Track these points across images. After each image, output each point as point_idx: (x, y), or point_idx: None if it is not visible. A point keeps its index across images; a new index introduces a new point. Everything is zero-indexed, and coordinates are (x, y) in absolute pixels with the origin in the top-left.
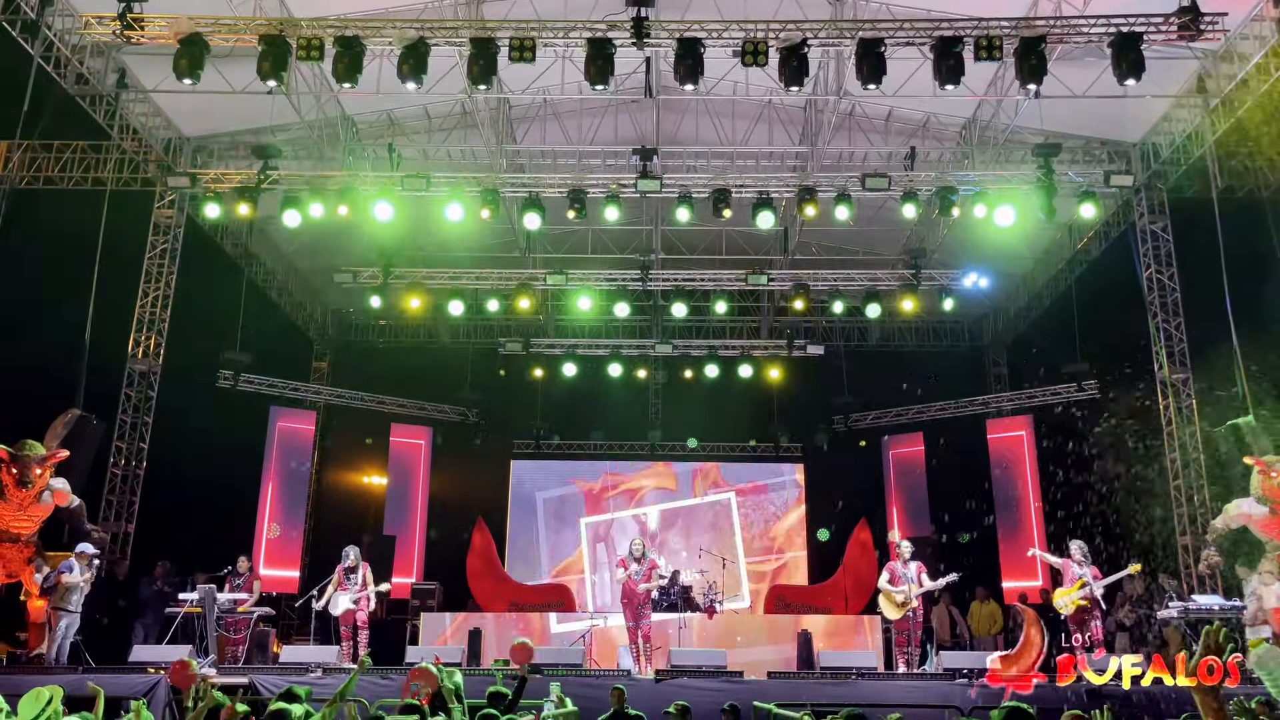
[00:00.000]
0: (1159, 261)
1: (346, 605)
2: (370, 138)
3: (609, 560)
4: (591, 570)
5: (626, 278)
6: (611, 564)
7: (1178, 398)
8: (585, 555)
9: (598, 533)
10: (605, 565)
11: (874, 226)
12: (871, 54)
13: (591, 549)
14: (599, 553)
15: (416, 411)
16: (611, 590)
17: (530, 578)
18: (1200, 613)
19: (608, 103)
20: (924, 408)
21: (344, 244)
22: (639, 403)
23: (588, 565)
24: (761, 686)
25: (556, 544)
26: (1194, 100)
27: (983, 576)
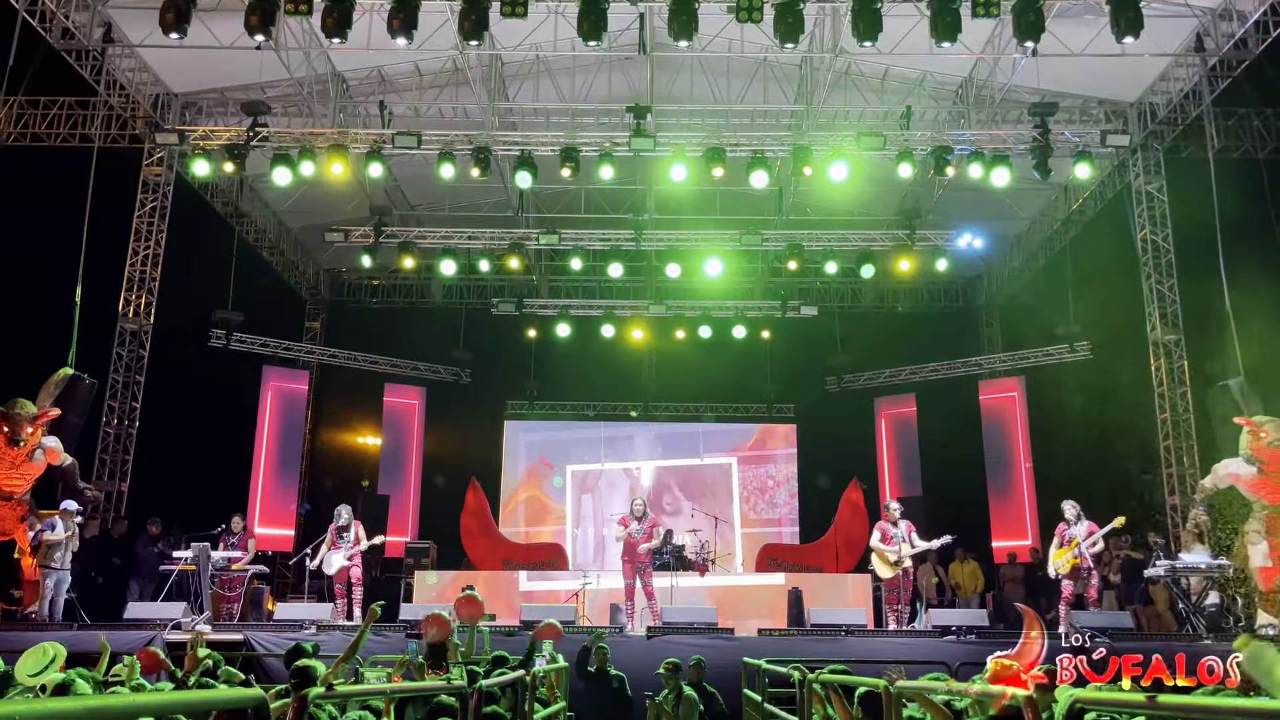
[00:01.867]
0: (1154, 223)
1: (340, 563)
2: (361, 95)
3: (594, 514)
4: (575, 524)
5: (620, 237)
6: (598, 519)
7: (1169, 359)
8: (569, 507)
9: (585, 483)
10: (589, 519)
11: (869, 186)
12: (868, 10)
13: (576, 500)
14: (584, 505)
15: (410, 371)
16: (595, 546)
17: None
18: (1187, 571)
19: (601, 59)
20: (916, 368)
21: (336, 202)
22: (632, 363)
23: (570, 518)
24: (752, 643)
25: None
26: (1192, 59)
27: (973, 536)
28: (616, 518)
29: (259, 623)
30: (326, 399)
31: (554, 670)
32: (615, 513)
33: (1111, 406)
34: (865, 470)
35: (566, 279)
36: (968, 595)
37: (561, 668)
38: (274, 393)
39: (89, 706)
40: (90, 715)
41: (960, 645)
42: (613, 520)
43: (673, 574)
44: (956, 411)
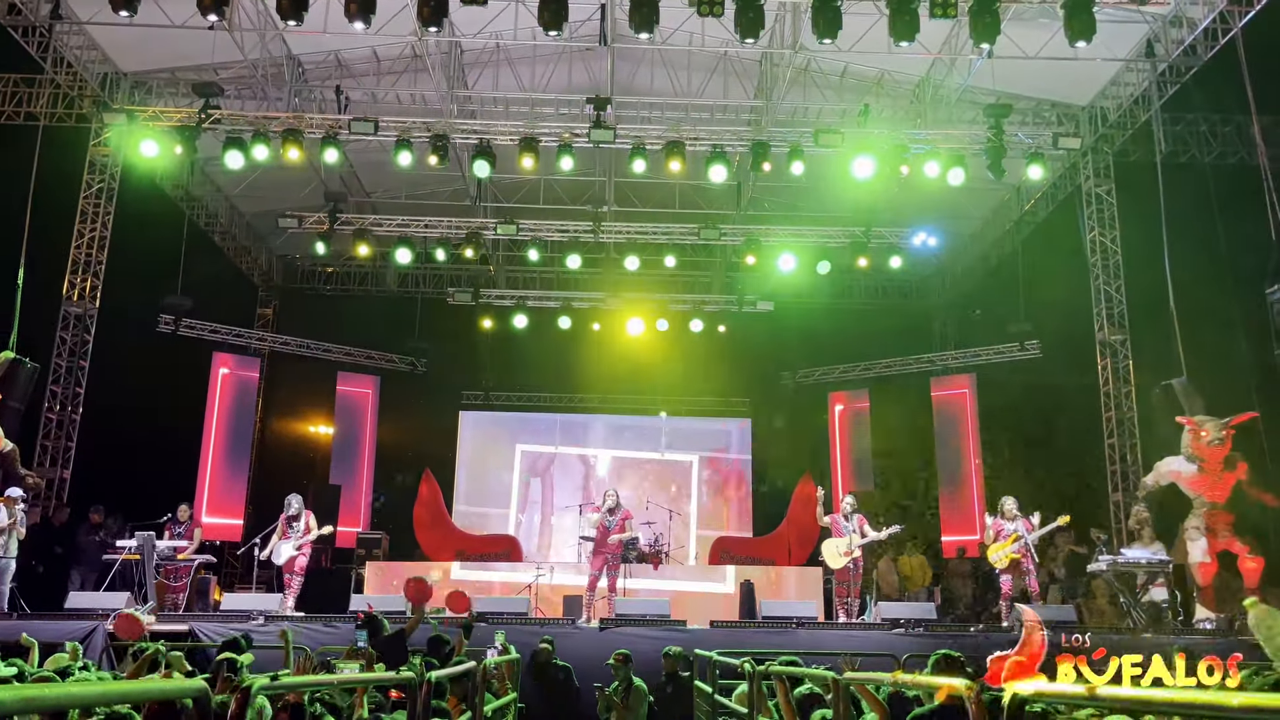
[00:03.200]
0: (1102, 224)
1: (290, 553)
2: (317, 79)
3: (543, 500)
4: (520, 508)
5: (579, 229)
6: (546, 505)
7: (1115, 358)
8: (514, 489)
9: (535, 466)
10: (536, 505)
11: (826, 183)
12: (828, 7)
13: (523, 484)
14: (531, 489)
15: (363, 360)
16: (542, 534)
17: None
18: (1128, 565)
19: (561, 50)
20: (870, 365)
21: (290, 188)
22: (590, 355)
23: (515, 501)
24: (704, 635)
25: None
26: (1142, 64)
27: (922, 530)
28: (569, 507)
29: (205, 613)
30: (278, 387)
31: (505, 661)
32: (568, 503)
33: (1060, 404)
34: (818, 465)
35: (524, 270)
36: (916, 589)
37: (513, 659)
38: (224, 380)
39: (25, 697)
40: (27, 705)
41: (908, 638)
42: (567, 510)
43: (627, 567)
44: (909, 408)
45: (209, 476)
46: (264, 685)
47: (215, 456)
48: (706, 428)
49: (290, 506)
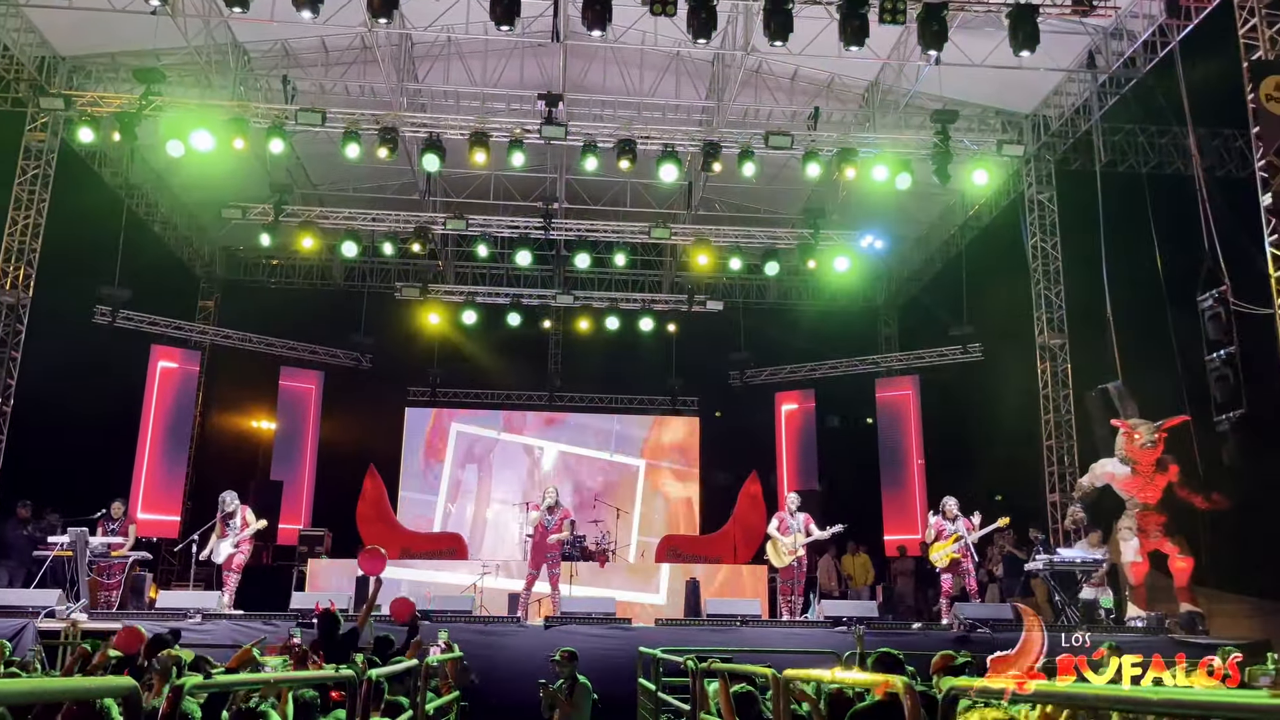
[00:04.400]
0: (1044, 230)
1: (229, 551)
2: (263, 68)
3: (478, 489)
4: (450, 497)
5: (529, 225)
6: (481, 494)
7: (1054, 362)
8: (446, 471)
9: (472, 451)
10: (472, 494)
11: (776, 185)
12: (780, 10)
13: (458, 466)
14: (466, 476)
15: (307, 355)
16: (475, 525)
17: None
18: (1064, 565)
19: (513, 45)
20: (816, 365)
21: (233, 178)
22: (539, 353)
23: (445, 486)
24: (649, 633)
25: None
26: (1083, 75)
27: (866, 529)
28: (514, 504)
29: (140, 611)
30: (219, 381)
31: (449, 660)
32: (512, 500)
33: (1000, 406)
34: (765, 464)
35: (473, 265)
36: (859, 587)
37: (457, 657)
38: (162, 373)
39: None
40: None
41: (850, 636)
42: (507, 505)
43: (572, 563)
44: (854, 408)
45: (145, 472)
46: (196, 684)
47: (152, 452)
48: (655, 426)
49: (225, 504)
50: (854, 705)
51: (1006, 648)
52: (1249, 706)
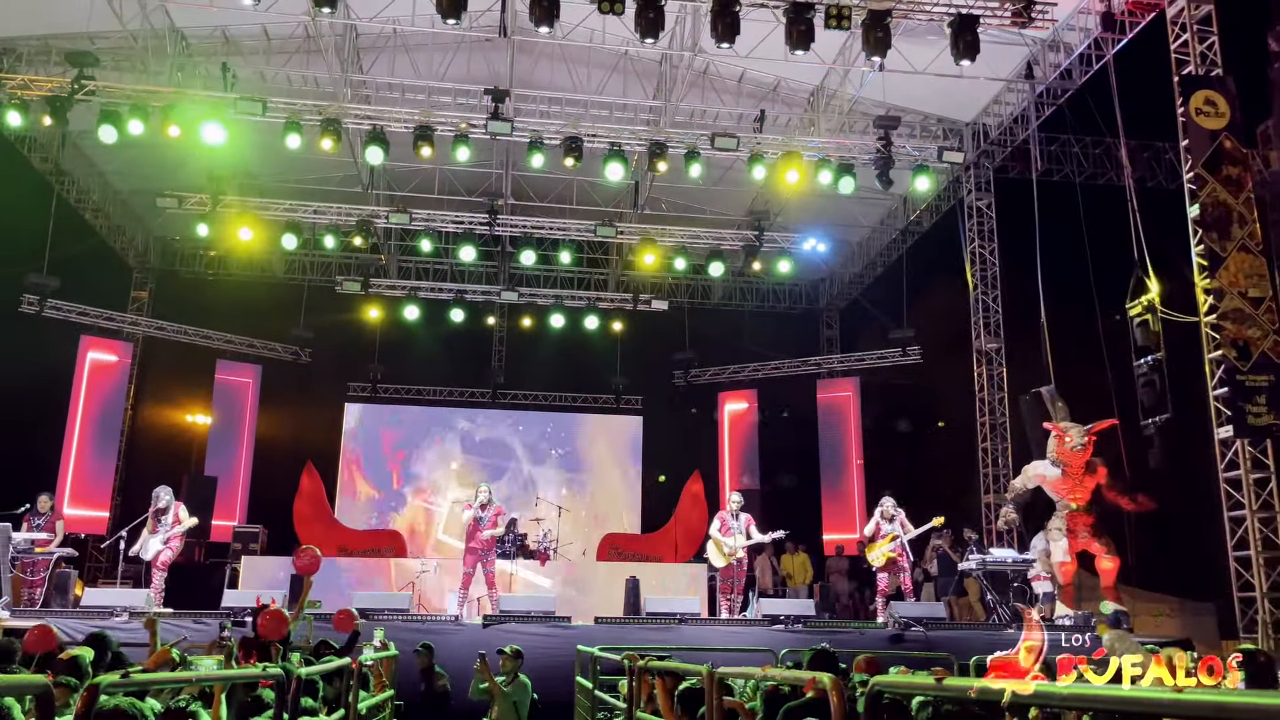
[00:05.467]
0: (982, 236)
1: (157, 548)
2: (202, 55)
3: (418, 487)
4: (390, 495)
5: (474, 221)
6: (420, 492)
7: (990, 365)
8: (386, 468)
9: (411, 448)
10: (411, 492)
11: (721, 186)
12: (727, 12)
13: (397, 463)
14: (406, 473)
15: (245, 348)
16: (414, 523)
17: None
18: (997, 564)
19: (460, 39)
20: (759, 366)
21: (169, 166)
22: (482, 350)
23: (384, 484)
24: (588, 631)
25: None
26: (1022, 85)
27: (805, 528)
28: (450, 501)
29: (65, 609)
30: (152, 373)
31: (383, 658)
32: (447, 496)
33: (937, 409)
34: (707, 463)
35: (416, 260)
36: (798, 586)
37: (392, 655)
38: (92, 365)
39: None
40: None
41: (787, 634)
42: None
43: (513, 562)
44: (795, 409)
45: (73, 466)
46: (112, 682)
47: (81, 445)
48: (598, 425)
49: (159, 499)
50: (788, 702)
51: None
52: (1262, 708)
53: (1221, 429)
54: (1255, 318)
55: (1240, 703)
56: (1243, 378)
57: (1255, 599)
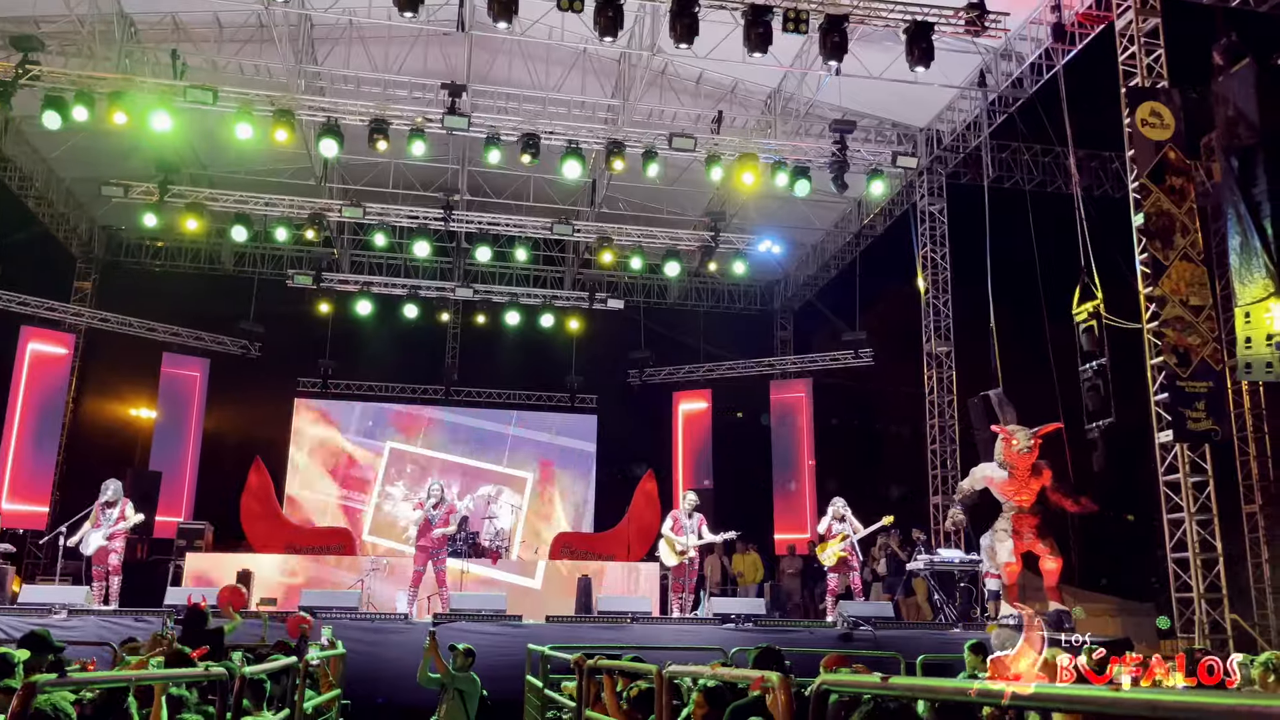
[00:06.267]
0: (934, 241)
1: (99, 543)
2: (152, 42)
3: (369, 484)
4: (340, 491)
5: (429, 216)
6: (371, 489)
7: (940, 368)
8: (336, 464)
9: (362, 444)
10: (361, 489)
11: (678, 186)
12: (685, 12)
13: (349, 459)
14: (356, 470)
15: (192, 341)
16: (364, 520)
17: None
18: (944, 565)
19: (417, 33)
20: (714, 366)
21: (116, 155)
22: (436, 346)
23: (334, 480)
24: (539, 630)
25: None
26: (974, 93)
27: (756, 528)
28: (401, 499)
29: (1, 606)
30: (95, 366)
31: (331, 657)
32: (398, 494)
33: (890, 410)
34: (660, 462)
35: (369, 255)
36: (748, 585)
37: (340, 654)
38: (32, 356)
39: None
40: None
41: (738, 632)
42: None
43: (465, 561)
44: (749, 409)
45: (11, 460)
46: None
47: (20, 438)
48: (553, 423)
49: (106, 491)
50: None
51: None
52: (1267, 711)
53: (1161, 433)
54: (1195, 325)
55: (1232, 705)
56: (1182, 384)
57: (1192, 600)
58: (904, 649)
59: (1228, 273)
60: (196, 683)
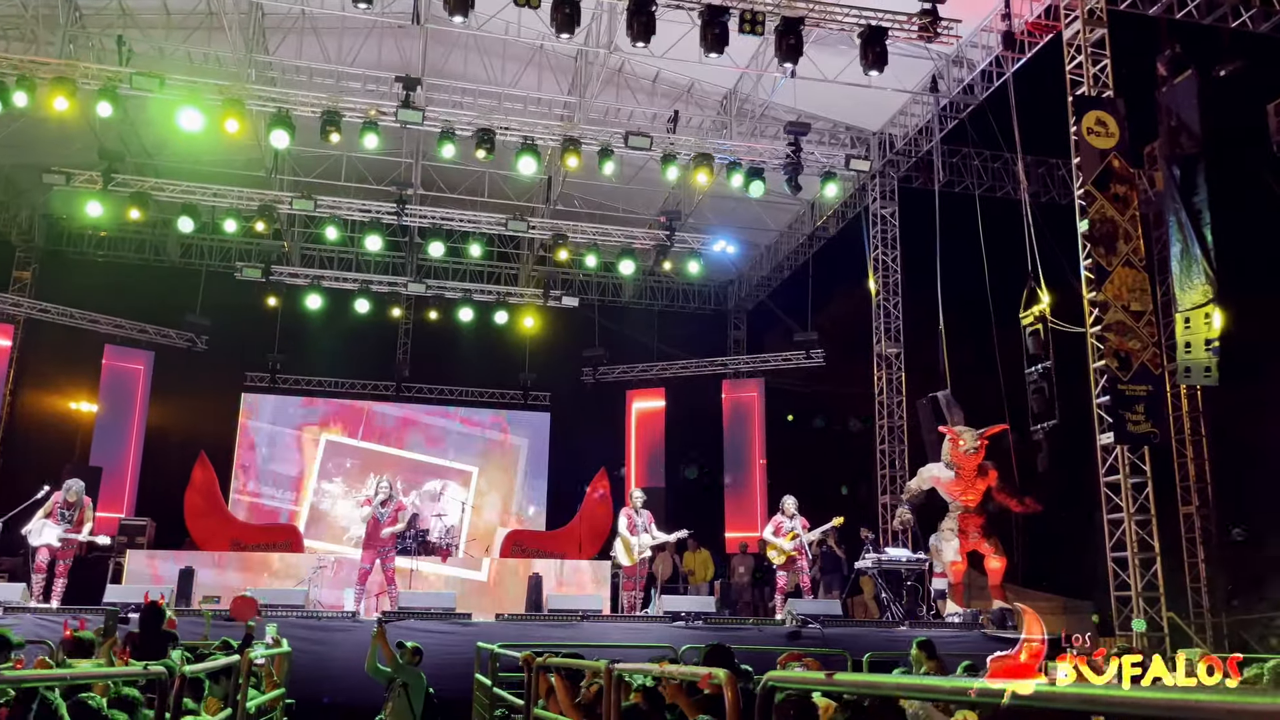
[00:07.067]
0: (885, 244)
1: (50, 539)
2: (97, 27)
3: (315, 480)
4: (286, 488)
5: (381, 210)
6: (319, 485)
7: (889, 369)
8: (283, 460)
9: (311, 440)
10: (309, 485)
11: (634, 185)
12: (643, 11)
13: (296, 455)
14: (303, 466)
15: (136, 334)
16: (311, 518)
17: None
18: (891, 563)
19: (372, 24)
20: (667, 365)
21: (59, 141)
22: (387, 342)
23: (281, 477)
24: (488, 628)
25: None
26: (927, 98)
27: (707, 526)
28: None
29: None
30: (34, 358)
31: (276, 655)
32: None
33: (840, 410)
34: (613, 460)
35: (320, 248)
36: (699, 583)
37: (285, 652)
38: None
39: None
40: None
41: (688, 630)
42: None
43: (414, 559)
44: (701, 408)
45: None
46: None
47: None
48: (505, 420)
49: (69, 491)
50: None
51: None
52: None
53: (1103, 435)
54: (1136, 330)
55: (1238, 703)
56: (1123, 387)
57: (1130, 598)
58: (851, 647)
59: (1169, 279)
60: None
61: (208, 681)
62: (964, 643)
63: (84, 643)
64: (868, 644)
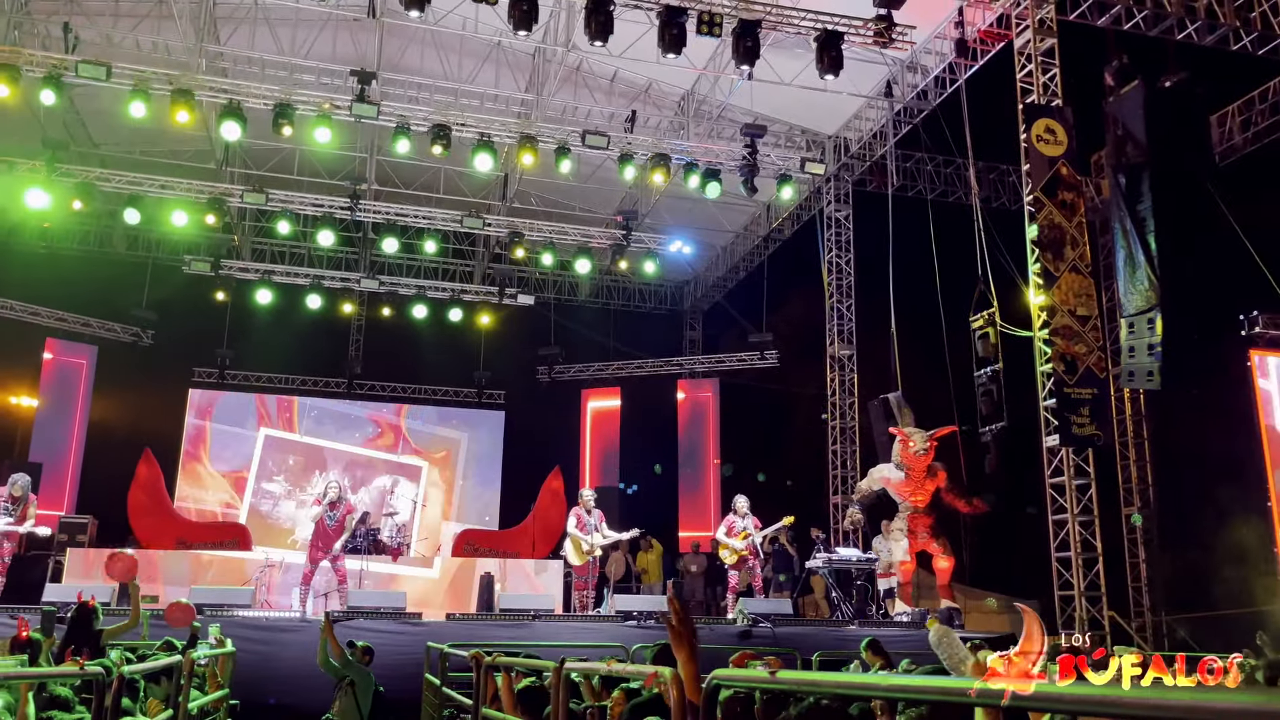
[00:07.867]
0: (839, 247)
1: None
2: (42, 13)
3: (263, 479)
4: (234, 486)
5: (334, 205)
6: (267, 484)
7: (842, 371)
8: (231, 457)
9: (258, 438)
10: (258, 483)
11: (591, 184)
12: (601, 10)
13: (244, 453)
14: (252, 463)
15: (79, 327)
16: (259, 516)
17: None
18: (842, 563)
19: (326, 16)
20: (623, 364)
21: (1, 129)
22: (339, 338)
23: (227, 474)
24: (439, 628)
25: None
26: (881, 103)
27: (661, 525)
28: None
29: None
30: None
31: (219, 655)
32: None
33: (794, 411)
34: (568, 460)
35: (271, 242)
36: (652, 582)
37: (229, 653)
38: None
39: None
40: None
41: (639, 630)
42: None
43: (365, 558)
44: (656, 407)
45: None
46: None
47: None
48: (459, 418)
49: (14, 485)
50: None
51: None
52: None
53: (1049, 437)
54: (1082, 334)
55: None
56: (1069, 390)
57: (1073, 597)
58: (802, 645)
59: (1114, 284)
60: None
61: (143, 682)
62: (911, 641)
63: (35, 643)
64: (818, 643)
